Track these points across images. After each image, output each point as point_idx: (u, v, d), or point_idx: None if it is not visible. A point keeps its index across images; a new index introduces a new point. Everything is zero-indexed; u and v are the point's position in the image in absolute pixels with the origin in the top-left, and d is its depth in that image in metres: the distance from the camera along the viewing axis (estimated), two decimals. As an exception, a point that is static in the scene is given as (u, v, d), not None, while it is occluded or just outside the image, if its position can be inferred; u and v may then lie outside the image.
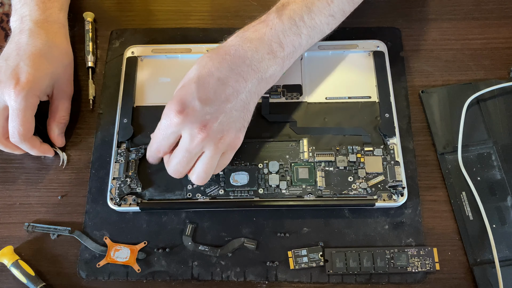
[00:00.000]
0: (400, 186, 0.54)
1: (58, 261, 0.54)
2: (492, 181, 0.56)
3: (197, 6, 0.67)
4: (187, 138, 0.47)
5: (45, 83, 0.54)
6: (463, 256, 0.54)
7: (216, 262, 0.54)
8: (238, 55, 0.48)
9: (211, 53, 0.49)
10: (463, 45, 0.64)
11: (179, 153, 0.48)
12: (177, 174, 0.50)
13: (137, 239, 0.55)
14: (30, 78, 0.51)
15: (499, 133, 0.58)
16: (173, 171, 0.50)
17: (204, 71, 0.48)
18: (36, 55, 0.52)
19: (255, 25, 0.50)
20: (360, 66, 0.61)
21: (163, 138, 0.48)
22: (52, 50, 0.54)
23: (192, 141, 0.47)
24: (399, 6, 0.66)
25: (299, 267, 0.53)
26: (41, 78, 0.52)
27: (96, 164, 0.58)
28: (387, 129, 0.57)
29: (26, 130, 0.52)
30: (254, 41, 0.49)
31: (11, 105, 0.50)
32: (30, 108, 0.52)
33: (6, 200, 0.57)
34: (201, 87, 0.47)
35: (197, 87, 0.47)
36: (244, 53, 0.49)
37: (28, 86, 0.50)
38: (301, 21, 0.50)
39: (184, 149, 0.48)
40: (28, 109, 0.51)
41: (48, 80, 0.54)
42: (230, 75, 0.48)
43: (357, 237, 0.54)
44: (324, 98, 0.60)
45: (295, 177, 0.55)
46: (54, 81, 0.56)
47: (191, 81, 0.47)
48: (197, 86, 0.47)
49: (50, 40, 0.54)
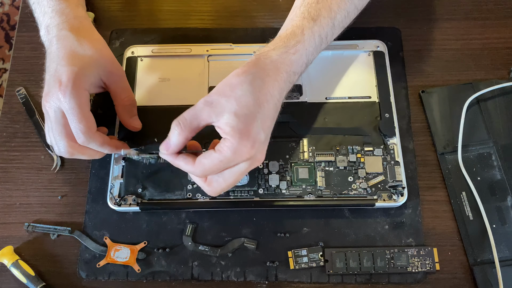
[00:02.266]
0: (400, 186, 0.54)
1: (58, 261, 0.54)
2: (492, 181, 0.56)
3: (197, 6, 0.67)
4: (247, 165, 0.46)
5: (87, 75, 0.52)
6: (463, 256, 0.54)
7: (216, 262, 0.54)
8: (288, 79, 0.49)
9: (263, 72, 0.47)
10: (463, 45, 0.64)
11: (233, 177, 0.47)
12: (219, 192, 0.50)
13: (137, 239, 0.55)
14: (70, 75, 0.49)
15: (499, 133, 0.58)
16: (218, 192, 0.49)
17: (263, 96, 0.46)
18: (68, 54, 0.51)
19: (296, 46, 0.49)
20: (360, 66, 0.61)
21: (222, 166, 0.46)
22: (82, 42, 0.52)
23: (249, 167, 0.47)
24: (399, 6, 0.66)
25: (299, 267, 0.53)
26: (80, 71, 0.51)
27: (96, 164, 0.58)
28: (387, 129, 0.57)
29: (85, 127, 0.50)
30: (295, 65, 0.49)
31: (63, 107, 0.49)
32: (81, 103, 0.50)
33: (6, 200, 0.57)
34: (263, 117, 0.46)
35: (261, 119, 0.45)
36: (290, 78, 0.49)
37: (70, 83, 0.49)
38: (326, 39, 0.52)
39: (240, 174, 0.47)
40: (80, 105, 0.50)
41: (89, 70, 0.52)
42: (280, 99, 0.48)
43: (357, 237, 0.54)
44: (324, 98, 0.60)
45: (295, 177, 0.55)
46: (97, 69, 0.53)
47: (255, 111, 0.45)
48: (261, 117, 0.45)
49: (76, 35, 0.53)
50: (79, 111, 0.49)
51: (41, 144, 0.59)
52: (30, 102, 0.61)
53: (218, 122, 0.45)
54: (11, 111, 0.61)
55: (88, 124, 0.50)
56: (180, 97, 0.59)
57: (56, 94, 0.49)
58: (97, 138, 0.51)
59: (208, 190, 0.49)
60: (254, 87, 0.46)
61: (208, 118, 0.45)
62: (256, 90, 0.46)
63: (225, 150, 0.44)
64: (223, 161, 0.45)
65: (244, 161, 0.46)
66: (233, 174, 0.47)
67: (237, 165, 0.46)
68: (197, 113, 0.45)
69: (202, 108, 0.45)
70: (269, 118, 0.47)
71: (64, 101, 0.49)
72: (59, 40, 0.52)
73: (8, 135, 0.60)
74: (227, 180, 0.47)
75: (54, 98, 0.49)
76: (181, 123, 0.46)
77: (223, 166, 0.46)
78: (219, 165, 0.45)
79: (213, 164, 0.45)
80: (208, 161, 0.45)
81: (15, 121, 0.61)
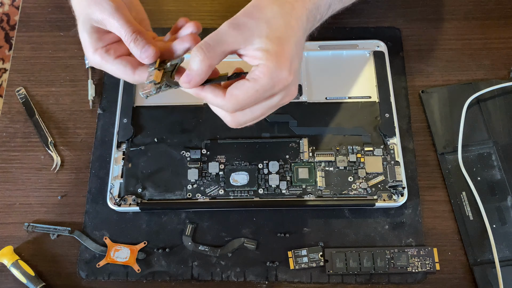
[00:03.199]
0: (400, 186, 0.54)
1: (58, 261, 0.54)
2: (492, 181, 0.56)
3: (197, 6, 0.67)
4: (280, 97, 0.42)
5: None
6: (463, 256, 0.54)
7: (216, 262, 0.54)
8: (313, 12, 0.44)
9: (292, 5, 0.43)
10: (463, 45, 0.64)
11: (262, 110, 0.43)
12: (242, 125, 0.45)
13: (137, 239, 0.55)
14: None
15: (499, 133, 0.58)
16: (241, 124, 0.44)
17: (293, 21, 0.42)
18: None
19: None
20: (360, 66, 0.61)
21: (258, 98, 0.41)
22: None
23: (282, 101, 0.43)
24: (399, 6, 0.66)
25: (299, 267, 0.53)
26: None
27: (96, 164, 0.58)
28: (387, 129, 0.57)
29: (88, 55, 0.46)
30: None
31: None
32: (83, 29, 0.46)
33: (6, 200, 0.57)
34: (296, 42, 0.42)
35: (294, 43, 0.41)
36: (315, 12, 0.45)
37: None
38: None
39: (270, 107, 0.43)
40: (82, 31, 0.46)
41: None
42: (307, 30, 0.44)
43: (357, 237, 0.54)
44: (324, 98, 0.60)
45: (295, 177, 0.55)
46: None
47: (287, 34, 0.41)
48: (294, 41, 0.41)
49: None
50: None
51: (41, 144, 0.59)
52: (30, 102, 0.61)
53: (247, 48, 0.40)
54: (11, 111, 0.61)
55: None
56: (179, 96, 0.59)
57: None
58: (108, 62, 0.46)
59: (229, 121, 0.44)
60: (284, 9, 0.41)
61: (235, 43, 0.40)
62: (287, 13, 0.41)
63: (261, 77, 0.39)
64: (259, 90, 0.40)
65: (281, 90, 0.41)
66: (263, 107, 0.43)
67: (271, 97, 0.42)
68: (222, 37, 0.40)
69: (227, 32, 0.40)
70: (300, 46, 0.42)
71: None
72: None
73: (8, 135, 0.60)
74: (254, 112, 0.43)
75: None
76: (204, 47, 0.40)
77: (259, 97, 0.41)
78: (255, 95, 0.40)
79: (248, 95, 0.40)
80: (241, 92, 0.40)
81: (15, 121, 0.61)
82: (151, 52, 0.43)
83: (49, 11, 0.67)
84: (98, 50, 0.45)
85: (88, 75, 0.63)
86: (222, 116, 0.44)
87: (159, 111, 0.59)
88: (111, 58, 0.46)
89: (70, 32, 0.65)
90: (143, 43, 0.44)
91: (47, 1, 0.67)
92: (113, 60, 0.46)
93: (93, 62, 0.46)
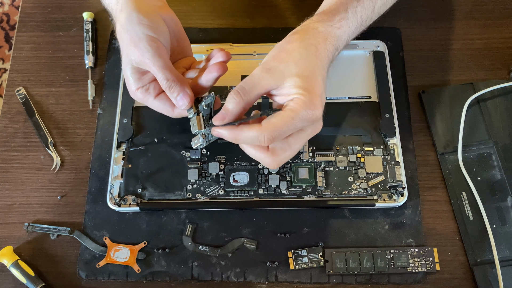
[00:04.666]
0: (400, 186, 0.54)
1: (58, 261, 0.54)
2: (492, 181, 0.56)
3: (197, 6, 0.67)
4: (311, 129, 0.45)
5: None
6: (463, 256, 0.54)
7: (216, 262, 0.54)
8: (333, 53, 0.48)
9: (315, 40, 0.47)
10: (463, 45, 0.64)
11: (299, 143, 0.45)
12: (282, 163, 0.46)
13: (137, 239, 0.55)
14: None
15: (499, 133, 0.58)
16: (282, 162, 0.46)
17: (319, 61, 0.46)
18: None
19: (340, 21, 0.49)
20: (360, 66, 0.61)
21: (293, 127, 0.43)
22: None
23: (312, 132, 0.46)
24: (399, 6, 0.66)
25: (299, 267, 0.53)
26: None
27: (96, 164, 0.58)
28: (387, 129, 0.57)
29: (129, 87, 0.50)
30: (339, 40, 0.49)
31: None
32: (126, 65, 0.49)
33: (6, 200, 0.57)
34: (322, 79, 0.45)
35: (321, 80, 0.45)
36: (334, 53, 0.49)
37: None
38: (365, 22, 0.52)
39: (304, 139, 0.46)
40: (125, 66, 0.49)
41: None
42: (327, 69, 0.48)
43: (357, 237, 0.54)
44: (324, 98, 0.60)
45: (295, 177, 0.55)
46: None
47: (315, 72, 0.45)
48: (321, 79, 0.45)
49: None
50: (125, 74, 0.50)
51: (41, 144, 0.59)
52: (30, 102, 0.61)
53: (279, 88, 0.43)
54: (11, 111, 0.61)
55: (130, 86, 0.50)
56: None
57: None
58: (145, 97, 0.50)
59: (270, 162, 0.45)
60: (310, 51, 0.45)
61: (268, 85, 0.43)
62: (312, 54, 0.45)
63: (297, 107, 0.42)
64: (295, 118, 0.42)
65: (313, 121, 0.44)
66: (299, 140, 0.45)
67: (303, 130, 0.45)
68: (255, 81, 0.44)
69: (261, 75, 0.44)
70: (324, 82, 0.46)
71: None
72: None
73: (8, 135, 0.60)
74: (292, 147, 0.45)
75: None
76: (240, 92, 0.43)
77: (294, 126, 0.43)
78: (291, 124, 0.42)
79: (285, 123, 0.42)
80: (278, 119, 0.42)
81: (15, 121, 0.61)
82: (186, 101, 0.47)
83: (49, 11, 0.67)
84: (139, 89, 0.49)
85: (88, 75, 0.63)
86: (260, 159, 0.46)
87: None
88: (151, 97, 0.50)
89: (70, 32, 0.65)
90: (178, 91, 0.46)
91: (47, 1, 0.67)
92: (153, 99, 0.50)
93: (135, 98, 0.51)
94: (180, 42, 0.53)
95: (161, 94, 0.50)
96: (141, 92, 0.49)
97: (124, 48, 0.48)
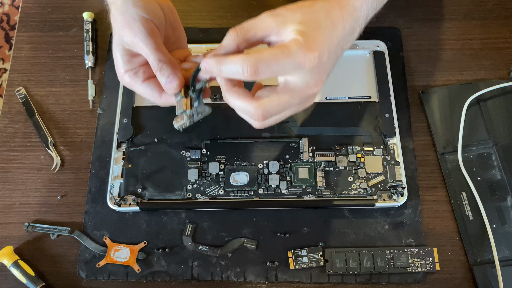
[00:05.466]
0: (400, 186, 0.54)
1: (58, 261, 0.54)
2: (492, 181, 0.56)
3: (197, 6, 0.67)
4: (304, 83, 0.42)
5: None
6: (463, 256, 0.54)
7: (216, 262, 0.54)
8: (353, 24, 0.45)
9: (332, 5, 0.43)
10: (463, 45, 0.64)
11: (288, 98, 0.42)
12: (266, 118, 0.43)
13: (137, 239, 0.55)
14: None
15: (499, 133, 0.58)
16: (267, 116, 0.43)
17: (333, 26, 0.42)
18: None
19: None
20: (360, 66, 0.61)
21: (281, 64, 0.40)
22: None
23: (306, 89, 0.42)
24: (399, 6, 0.66)
25: (299, 267, 0.53)
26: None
27: (96, 164, 0.58)
28: (387, 129, 0.57)
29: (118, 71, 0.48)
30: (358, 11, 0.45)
31: None
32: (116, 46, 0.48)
33: (6, 200, 0.57)
34: (332, 37, 0.42)
35: (329, 35, 0.42)
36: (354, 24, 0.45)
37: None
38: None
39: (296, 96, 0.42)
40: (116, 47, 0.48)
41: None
42: (349, 39, 0.44)
43: (357, 237, 0.54)
44: (324, 98, 0.60)
45: (295, 177, 0.55)
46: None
47: (323, 24, 0.41)
48: (329, 34, 0.42)
49: None
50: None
51: (41, 144, 0.59)
52: (30, 102, 0.61)
53: (279, 34, 0.41)
54: (11, 111, 0.61)
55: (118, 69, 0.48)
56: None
57: None
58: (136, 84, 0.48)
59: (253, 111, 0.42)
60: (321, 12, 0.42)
61: (268, 27, 0.41)
62: (323, 14, 0.42)
63: (290, 43, 0.39)
64: (285, 52, 0.39)
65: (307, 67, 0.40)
66: (288, 92, 0.42)
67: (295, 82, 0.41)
68: (257, 22, 0.42)
69: (264, 18, 0.42)
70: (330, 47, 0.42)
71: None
72: None
73: (8, 135, 0.60)
74: (280, 96, 0.42)
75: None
76: (238, 29, 0.42)
77: (283, 63, 0.39)
78: (279, 57, 0.39)
79: (272, 54, 0.39)
80: (266, 51, 0.39)
81: (15, 121, 0.61)
82: (175, 84, 0.46)
83: (49, 11, 0.67)
84: (127, 72, 0.48)
85: (88, 75, 0.63)
86: (245, 108, 0.43)
87: (159, 111, 0.59)
88: (139, 81, 0.48)
89: (70, 32, 0.65)
90: (168, 73, 0.45)
91: (47, 1, 0.67)
92: (141, 83, 0.48)
93: (122, 81, 0.49)
94: (175, 31, 0.51)
95: (149, 79, 0.48)
96: (129, 75, 0.48)
97: (116, 29, 0.46)
